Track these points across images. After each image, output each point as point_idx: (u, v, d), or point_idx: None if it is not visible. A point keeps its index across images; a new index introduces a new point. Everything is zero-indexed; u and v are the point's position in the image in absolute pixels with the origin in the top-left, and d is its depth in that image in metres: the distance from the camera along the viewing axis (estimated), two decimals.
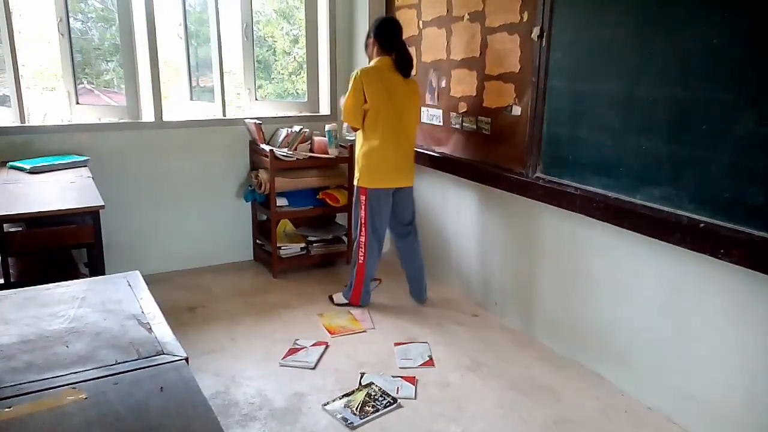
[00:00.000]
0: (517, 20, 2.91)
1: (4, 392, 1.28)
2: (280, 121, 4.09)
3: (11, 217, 2.45)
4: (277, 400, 2.55)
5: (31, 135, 3.43)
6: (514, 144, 3.01)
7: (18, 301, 1.72)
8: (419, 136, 3.75)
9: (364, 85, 3.11)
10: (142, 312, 1.67)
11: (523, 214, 3.12)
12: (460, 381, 2.73)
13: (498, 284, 3.38)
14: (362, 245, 3.32)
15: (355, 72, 3.18)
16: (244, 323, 3.25)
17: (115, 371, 1.37)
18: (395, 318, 3.34)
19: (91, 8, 4.46)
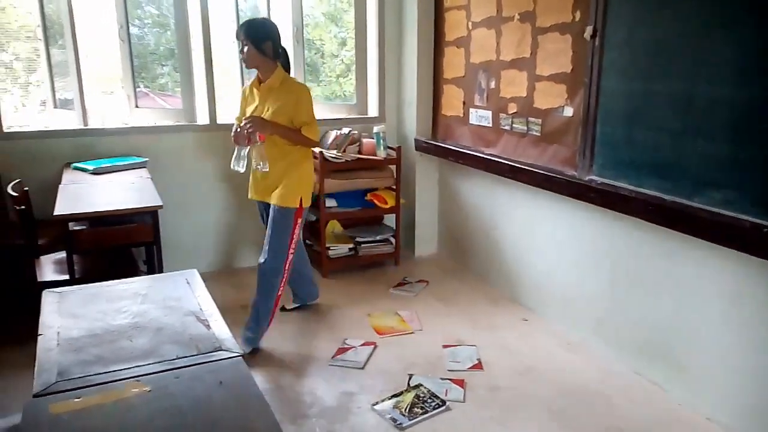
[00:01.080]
0: (569, 20, 2.86)
1: (74, 383, 1.35)
2: (329, 123, 4.14)
3: (76, 216, 2.57)
4: (327, 399, 2.58)
5: (93, 137, 3.59)
6: (566, 145, 2.96)
7: (85, 297, 1.80)
8: (467, 138, 3.74)
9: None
10: (200, 309, 1.72)
11: (574, 217, 3.07)
12: (509, 385, 2.70)
13: (548, 288, 3.33)
14: (286, 270, 2.99)
15: (299, 85, 2.93)
16: (294, 321, 3.30)
17: (177, 366, 1.42)
18: (443, 320, 3.33)
19: (147, 14, 4.62)
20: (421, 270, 4.08)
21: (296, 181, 2.91)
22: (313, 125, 2.88)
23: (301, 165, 2.94)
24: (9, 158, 3.37)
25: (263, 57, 2.80)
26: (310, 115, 2.88)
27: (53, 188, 2.96)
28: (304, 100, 2.85)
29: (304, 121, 2.85)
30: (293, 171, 2.91)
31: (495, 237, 3.74)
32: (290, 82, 2.91)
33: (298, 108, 2.83)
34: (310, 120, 2.87)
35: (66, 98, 3.89)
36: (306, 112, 2.86)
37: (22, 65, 9.54)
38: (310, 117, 2.88)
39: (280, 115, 2.82)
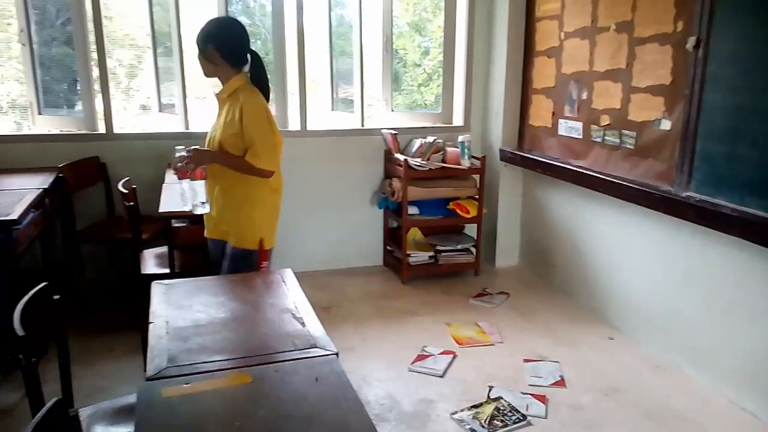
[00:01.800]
0: (670, 30, 2.77)
1: (182, 370, 1.44)
2: (414, 132, 4.19)
3: (178, 214, 2.73)
4: (406, 404, 2.61)
5: (193, 140, 3.79)
6: (662, 159, 2.85)
7: (189, 289, 1.92)
8: (555, 149, 3.67)
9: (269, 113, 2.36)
10: (295, 307, 1.80)
11: (668, 234, 2.95)
12: (593, 405, 2.62)
13: (637, 306, 3.21)
14: None
15: (248, 94, 2.34)
16: (373, 326, 3.36)
17: (275, 360, 1.49)
18: (524, 333, 3.28)
19: None
20: (502, 281, 4.03)
21: (255, 218, 2.42)
22: (260, 147, 2.28)
23: (259, 197, 2.41)
24: (118, 157, 3.64)
25: (210, 63, 2.35)
26: (261, 133, 2.28)
27: (157, 186, 3.16)
28: (251, 113, 2.27)
29: (251, 141, 2.29)
30: (250, 205, 2.40)
31: (581, 251, 3.65)
32: (240, 91, 2.34)
33: (246, 124, 2.28)
34: (259, 140, 2.28)
35: (167, 103, 4.15)
36: (255, 129, 2.28)
37: (125, 71, 10.21)
38: (261, 136, 2.28)
39: (226, 134, 2.33)
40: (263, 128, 2.30)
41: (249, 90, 2.35)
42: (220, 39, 2.34)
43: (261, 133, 2.28)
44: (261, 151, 2.28)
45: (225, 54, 2.34)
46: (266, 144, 2.30)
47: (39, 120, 3.77)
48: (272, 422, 1.26)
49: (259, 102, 2.34)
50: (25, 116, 5.84)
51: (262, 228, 2.44)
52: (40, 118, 3.77)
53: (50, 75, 3.93)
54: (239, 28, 2.42)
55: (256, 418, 1.27)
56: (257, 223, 2.42)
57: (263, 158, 2.30)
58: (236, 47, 2.37)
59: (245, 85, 2.37)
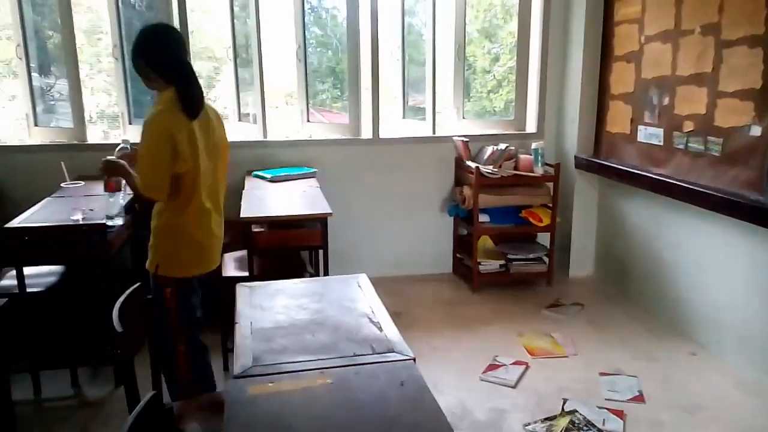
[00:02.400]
0: (761, 32, 2.63)
1: (266, 369, 1.50)
2: (485, 139, 4.16)
3: (259, 219, 2.84)
4: (478, 413, 2.59)
5: (271, 149, 3.94)
6: (751, 167, 2.71)
7: (271, 292, 1.99)
8: (633, 156, 3.56)
9: (175, 135, 2.06)
10: (372, 311, 1.83)
11: (757, 246, 2.80)
12: (674, 422, 2.52)
13: (721, 321, 3.05)
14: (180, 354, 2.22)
15: (151, 112, 2.13)
16: (443, 333, 3.35)
17: (355, 362, 1.53)
18: (600, 346, 3.19)
19: (313, 35, 4.98)
20: (575, 292, 3.93)
21: (158, 241, 2.23)
22: (140, 165, 2.11)
23: (164, 219, 2.21)
24: None
25: (142, 78, 2.20)
26: (141, 152, 2.09)
27: (237, 193, 3.29)
28: (144, 131, 2.08)
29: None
30: (156, 227, 2.24)
31: (660, 262, 3.51)
32: (153, 108, 2.18)
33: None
34: (139, 163, 2.12)
35: (245, 112, 4.31)
36: (139, 150, 2.11)
37: (203, 82, 10.57)
38: (141, 154, 2.10)
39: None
40: (143, 152, 2.09)
41: (158, 109, 2.11)
42: (143, 50, 2.15)
43: (143, 151, 2.09)
44: (140, 174, 2.12)
45: (153, 66, 2.13)
46: (144, 162, 2.10)
47: (129, 129, 4.01)
48: (352, 424, 1.29)
49: (154, 124, 2.07)
50: (112, 125, 6.22)
51: (162, 252, 2.21)
52: (130, 128, 4.01)
53: (137, 87, 4.16)
54: (163, 34, 2.19)
55: (337, 419, 1.31)
56: (160, 246, 2.22)
57: (140, 175, 2.12)
58: (163, 58, 2.13)
59: (164, 100, 2.12)
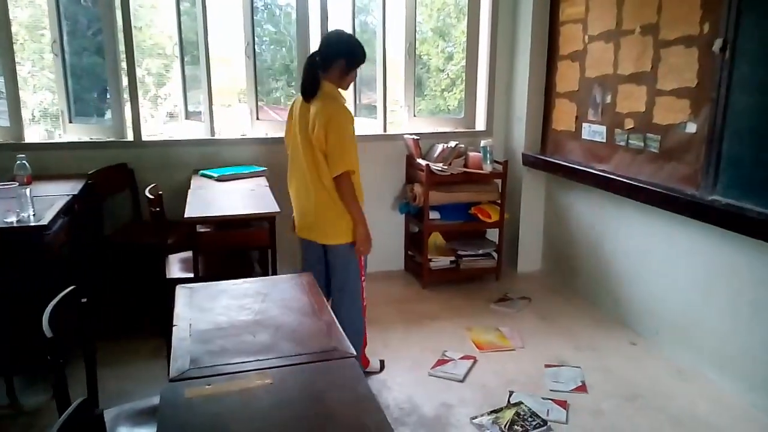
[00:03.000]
0: (696, 32, 2.73)
1: (203, 371, 1.47)
2: (436, 137, 4.19)
3: (204, 219, 2.79)
4: (426, 408, 2.61)
5: (219, 147, 3.87)
6: (687, 163, 2.82)
7: (212, 293, 1.95)
8: (578, 153, 3.65)
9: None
10: (315, 310, 1.82)
11: (693, 239, 2.91)
12: (615, 411, 2.60)
13: (660, 312, 3.16)
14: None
15: (338, 107, 2.56)
16: (395, 330, 3.37)
17: (295, 362, 1.51)
18: (546, 338, 3.26)
19: (266, 32, 4.93)
20: (523, 286, 4.01)
21: (337, 216, 2.66)
22: (346, 151, 2.56)
23: (334, 197, 2.64)
24: (145, 164, 3.72)
25: (330, 73, 2.61)
26: (342, 140, 2.54)
27: (182, 192, 3.22)
28: (337, 121, 2.53)
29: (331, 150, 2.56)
30: (331, 204, 2.65)
31: (604, 256, 3.61)
32: (327, 100, 2.59)
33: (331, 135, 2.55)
34: (341, 146, 2.55)
35: (193, 110, 4.23)
36: (338, 135, 2.53)
37: (153, 80, 10.37)
38: (342, 142, 2.55)
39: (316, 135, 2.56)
40: (346, 140, 2.54)
41: (340, 101, 2.61)
42: (350, 52, 2.61)
43: (344, 143, 2.53)
44: (347, 160, 2.54)
45: (349, 65, 2.61)
46: (348, 154, 2.55)
47: (70, 128, 3.88)
48: (291, 423, 1.28)
49: (345, 114, 2.57)
50: (56, 125, 6.00)
51: (346, 224, 2.68)
52: (70, 126, 3.88)
53: (81, 84, 4.04)
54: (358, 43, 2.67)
55: (276, 419, 1.29)
56: (337, 221, 2.67)
57: (347, 165, 2.54)
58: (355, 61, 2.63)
59: (336, 94, 2.61)
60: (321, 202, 2.62)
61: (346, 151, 2.53)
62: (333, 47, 2.61)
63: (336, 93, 2.62)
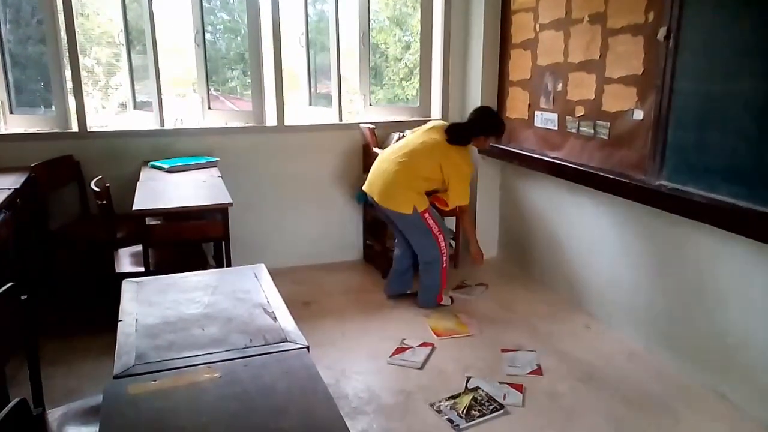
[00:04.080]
0: (641, 21, 2.79)
1: (150, 367, 1.44)
2: (392, 126, 4.19)
3: (153, 212, 2.72)
4: (385, 396, 2.62)
5: (168, 138, 3.77)
6: (635, 149, 2.88)
7: (160, 287, 1.90)
8: (531, 141, 3.70)
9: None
10: (267, 302, 1.79)
11: (642, 223, 2.99)
12: (569, 392, 2.65)
13: (613, 296, 3.24)
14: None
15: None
16: (353, 320, 3.36)
17: (246, 354, 1.49)
18: (503, 324, 3.30)
19: (220, 20, 4.81)
20: (481, 273, 4.05)
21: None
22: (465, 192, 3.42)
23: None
24: (92, 156, 3.60)
25: (474, 141, 3.41)
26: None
27: (131, 185, 3.13)
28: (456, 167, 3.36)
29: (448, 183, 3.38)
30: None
31: (558, 242, 3.68)
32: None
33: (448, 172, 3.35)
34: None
35: (143, 100, 4.11)
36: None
37: (103, 69, 10.04)
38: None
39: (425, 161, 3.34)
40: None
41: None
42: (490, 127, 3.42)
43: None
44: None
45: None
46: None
47: (11, 119, 3.72)
48: (240, 416, 1.26)
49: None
50: None
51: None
52: (12, 117, 3.72)
53: (26, 74, 3.88)
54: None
55: (224, 412, 1.27)
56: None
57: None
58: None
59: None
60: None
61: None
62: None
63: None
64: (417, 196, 3.27)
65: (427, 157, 3.26)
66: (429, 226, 3.31)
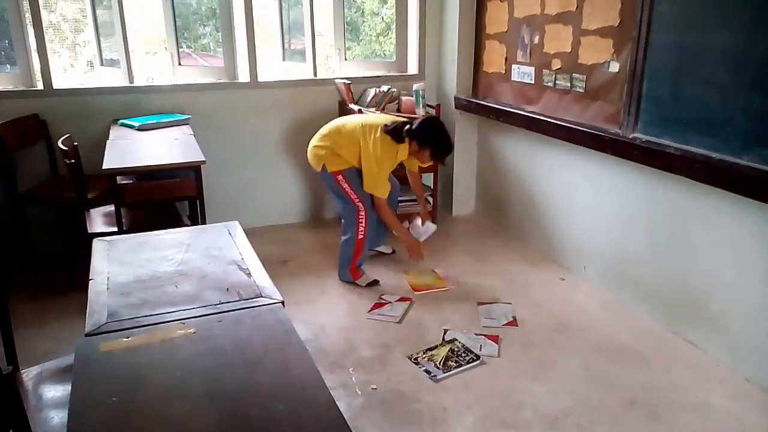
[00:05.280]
0: None
1: (122, 324, 1.43)
2: (368, 81, 4.12)
3: (124, 171, 2.67)
4: (364, 350, 2.65)
5: (138, 95, 3.67)
6: (611, 102, 2.88)
7: (132, 246, 1.88)
8: (508, 95, 3.67)
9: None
10: (241, 258, 1.78)
11: (617, 176, 3.01)
12: (544, 342, 2.71)
13: (588, 248, 3.29)
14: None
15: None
16: (332, 277, 3.37)
17: (220, 310, 1.48)
18: (479, 278, 3.34)
19: None
20: (458, 229, 4.08)
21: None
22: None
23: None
24: (59, 115, 3.49)
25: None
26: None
27: (101, 144, 3.05)
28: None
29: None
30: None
31: (534, 196, 3.70)
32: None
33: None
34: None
35: (112, 58, 3.97)
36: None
37: (69, 26, 9.66)
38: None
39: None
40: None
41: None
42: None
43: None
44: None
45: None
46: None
47: None
48: (214, 370, 1.26)
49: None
50: None
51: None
52: None
53: None
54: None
55: (199, 366, 1.27)
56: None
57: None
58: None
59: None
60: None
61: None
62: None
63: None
64: (329, 155, 3.11)
65: (350, 133, 3.11)
66: (343, 189, 3.16)
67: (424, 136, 3.06)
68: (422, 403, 2.29)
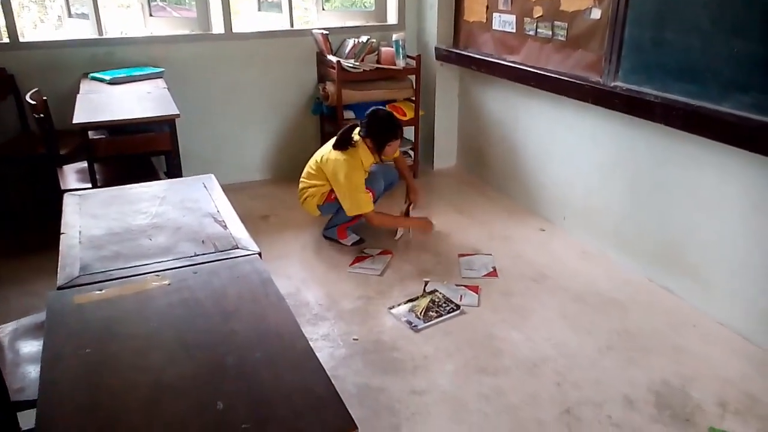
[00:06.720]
0: None
1: (94, 277, 1.41)
2: (347, 32, 4.02)
3: (95, 125, 2.59)
4: (345, 303, 2.66)
5: (109, 47, 3.54)
6: (592, 50, 2.84)
7: (105, 199, 1.84)
8: (489, 45, 3.61)
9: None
10: (217, 211, 1.76)
11: (598, 125, 2.99)
12: (524, 292, 2.74)
13: (567, 198, 3.30)
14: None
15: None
16: (313, 232, 3.36)
17: (195, 262, 1.47)
18: (461, 230, 3.35)
19: None
20: (440, 182, 4.07)
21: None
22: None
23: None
24: (27, 69, 3.36)
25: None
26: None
27: (72, 99, 2.96)
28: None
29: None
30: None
31: (515, 148, 3.68)
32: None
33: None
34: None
35: (82, 12, 3.82)
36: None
37: None
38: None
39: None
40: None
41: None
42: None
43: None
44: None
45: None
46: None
47: None
48: (189, 320, 1.25)
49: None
50: None
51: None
52: None
53: None
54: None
55: (174, 317, 1.26)
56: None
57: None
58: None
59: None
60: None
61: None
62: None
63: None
64: (312, 194, 3.19)
65: (316, 173, 3.18)
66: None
67: (375, 130, 3.06)
68: (403, 352, 2.32)
